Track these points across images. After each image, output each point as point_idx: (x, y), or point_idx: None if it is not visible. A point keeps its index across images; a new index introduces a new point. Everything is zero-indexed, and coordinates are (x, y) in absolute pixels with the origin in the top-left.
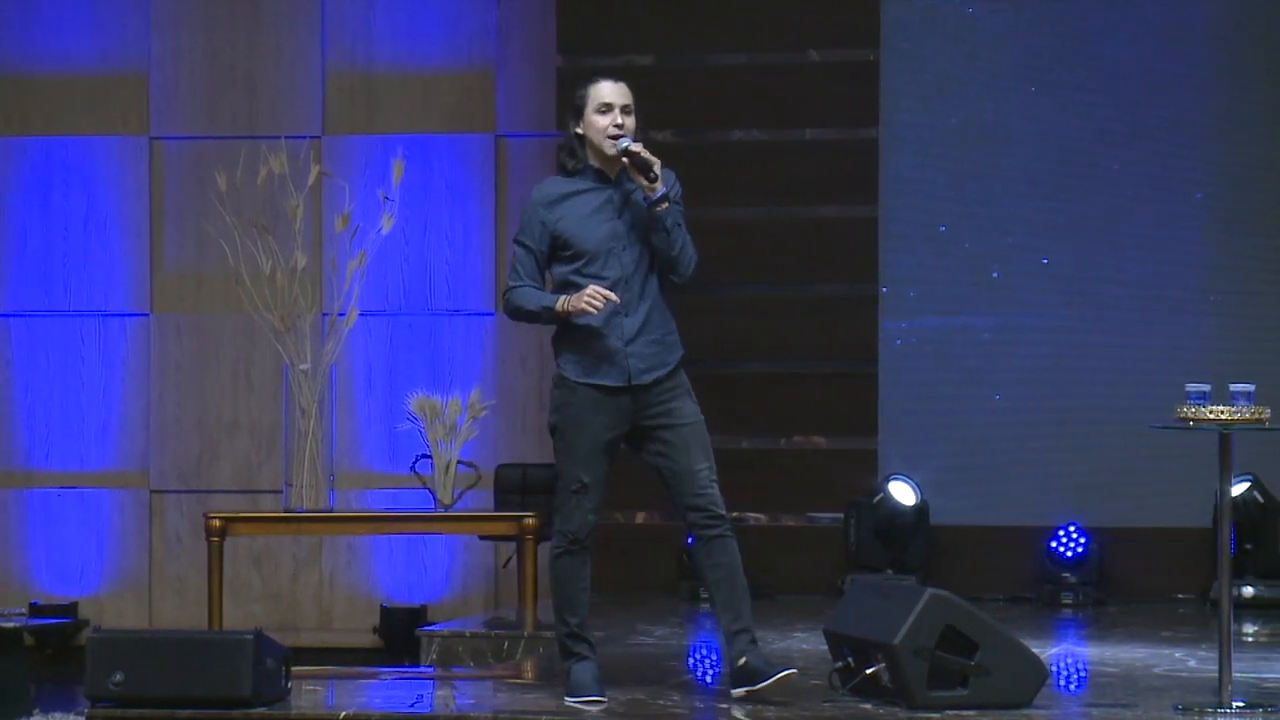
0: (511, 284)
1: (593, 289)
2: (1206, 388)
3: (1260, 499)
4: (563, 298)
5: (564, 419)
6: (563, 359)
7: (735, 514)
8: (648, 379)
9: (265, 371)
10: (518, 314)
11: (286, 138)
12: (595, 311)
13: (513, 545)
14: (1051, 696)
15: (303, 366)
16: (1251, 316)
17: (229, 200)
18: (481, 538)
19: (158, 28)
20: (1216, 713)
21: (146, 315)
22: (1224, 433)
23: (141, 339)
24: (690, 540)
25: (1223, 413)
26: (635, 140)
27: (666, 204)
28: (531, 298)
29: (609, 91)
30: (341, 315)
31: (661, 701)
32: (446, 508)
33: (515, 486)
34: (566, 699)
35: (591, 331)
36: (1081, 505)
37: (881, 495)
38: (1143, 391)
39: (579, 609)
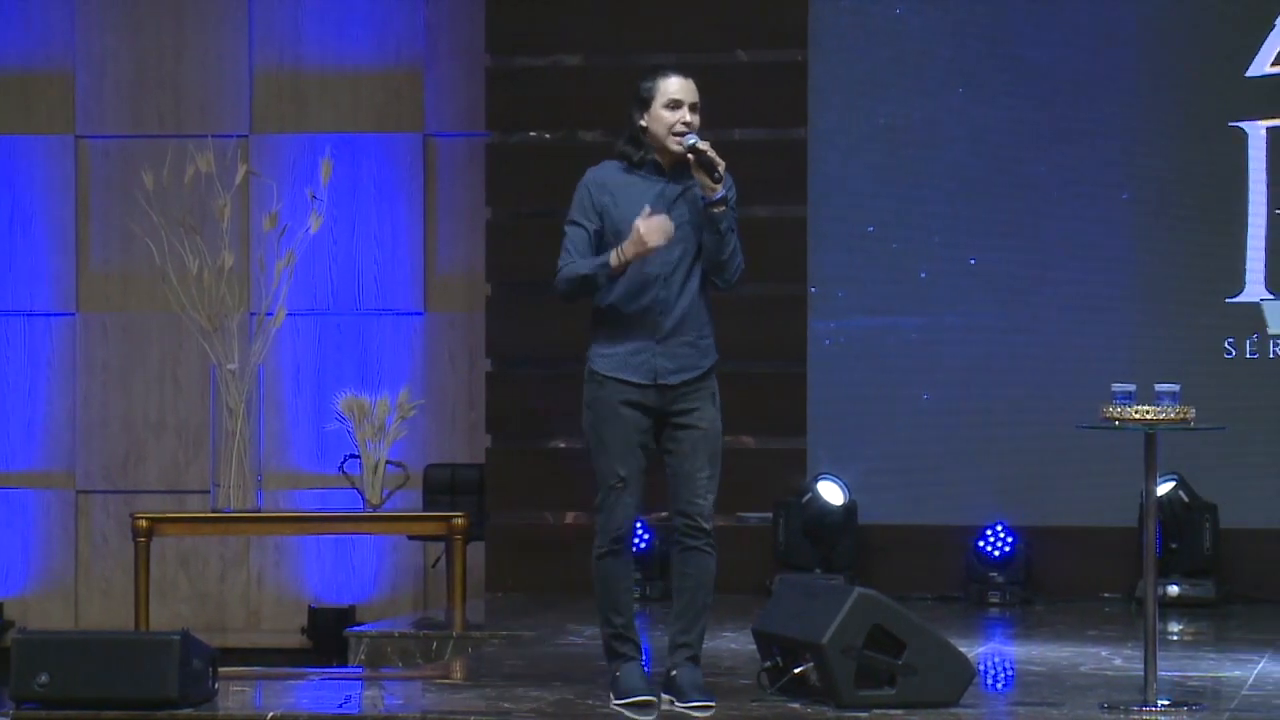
0: (561, 264)
1: (640, 223)
2: (1132, 388)
3: (1185, 498)
4: (616, 249)
5: (595, 416)
6: (593, 352)
7: (663, 513)
8: (674, 380)
9: (192, 371)
10: (571, 285)
11: (214, 137)
12: (657, 244)
13: (441, 545)
14: (979, 695)
15: (230, 366)
16: (1177, 317)
17: (156, 199)
18: (410, 538)
19: (84, 26)
20: (1141, 711)
21: (73, 315)
22: (1149, 432)
23: (67, 338)
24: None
25: (1148, 413)
26: (702, 139)
27: (724, 206)
28: (583, 264)
29: (677, 88)
30: (269, 315)
31: (590, 701)
32: (375, 508)
33: (444, 487)
34: (614, 702)
35: (626, 325)
36: (1008, 505)
37: (810, 495)
38: (1069, 391)
39: (624, 610)
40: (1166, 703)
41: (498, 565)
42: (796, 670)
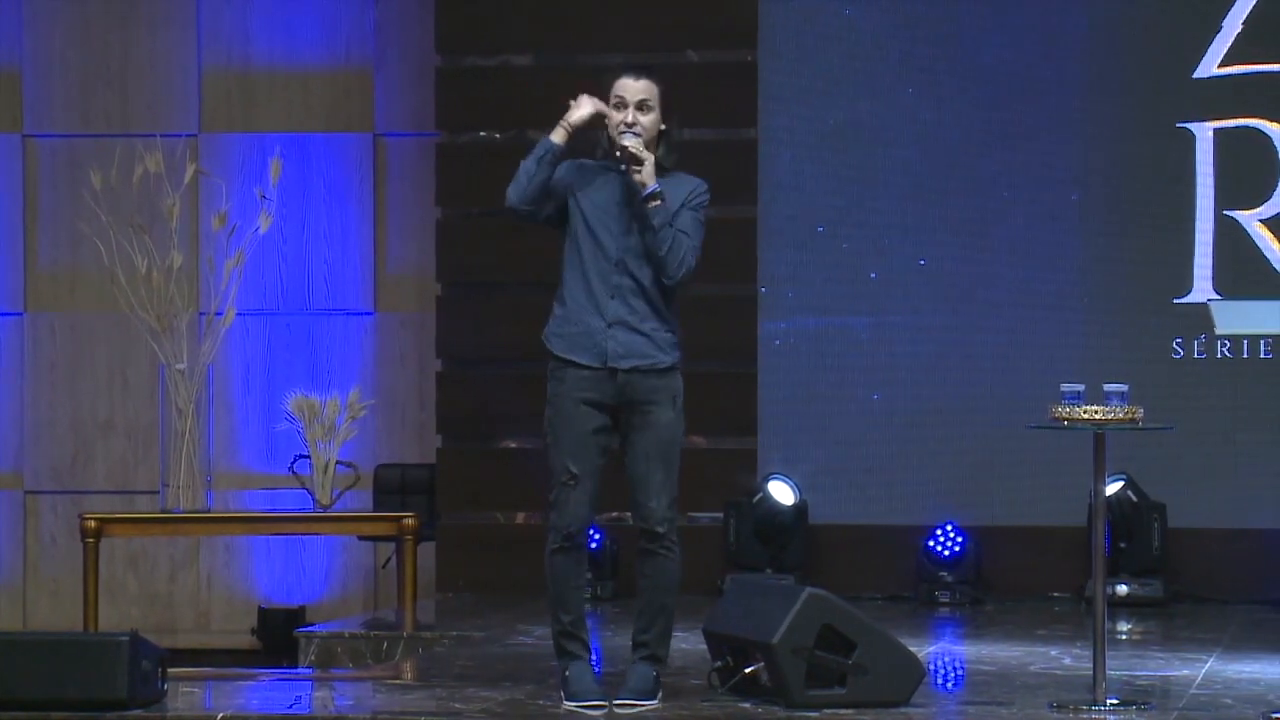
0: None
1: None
2: (1080, 387)
3: (1134, 498)
4: (562, 122)
5: (553, 411)
6: (548, 332)
7: (614, 514)
8: (624, 365)
9: (141, 371)
10: (518, 184)
11: (162, 136)
12: (588, 108)
13: (392, 545)
14: (929, 695)
15: (179, 366)
16: (1125, 317)
17: (104, 199)
18: (360, 538)
19: (30, 25)
20: (1091, 710)
21: (20, 314)
22: (1098, 432)
23: (15, 338)
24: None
25: (1096, 412)
26: (639, 136)
27: (657, 202)
28: (529, 155)
29: (623, 87)
30: (219, 315)
31: (541, 702)
32: (325, 508)
33: (394, 487)
34: (565, 703)
35: (579, 306)
36: (958, 504)
37: (761, 495)
38: (1018, 391)
39: (572, 607)
40: (1115, 702)
41: (448, 565)
42: (747, 670)
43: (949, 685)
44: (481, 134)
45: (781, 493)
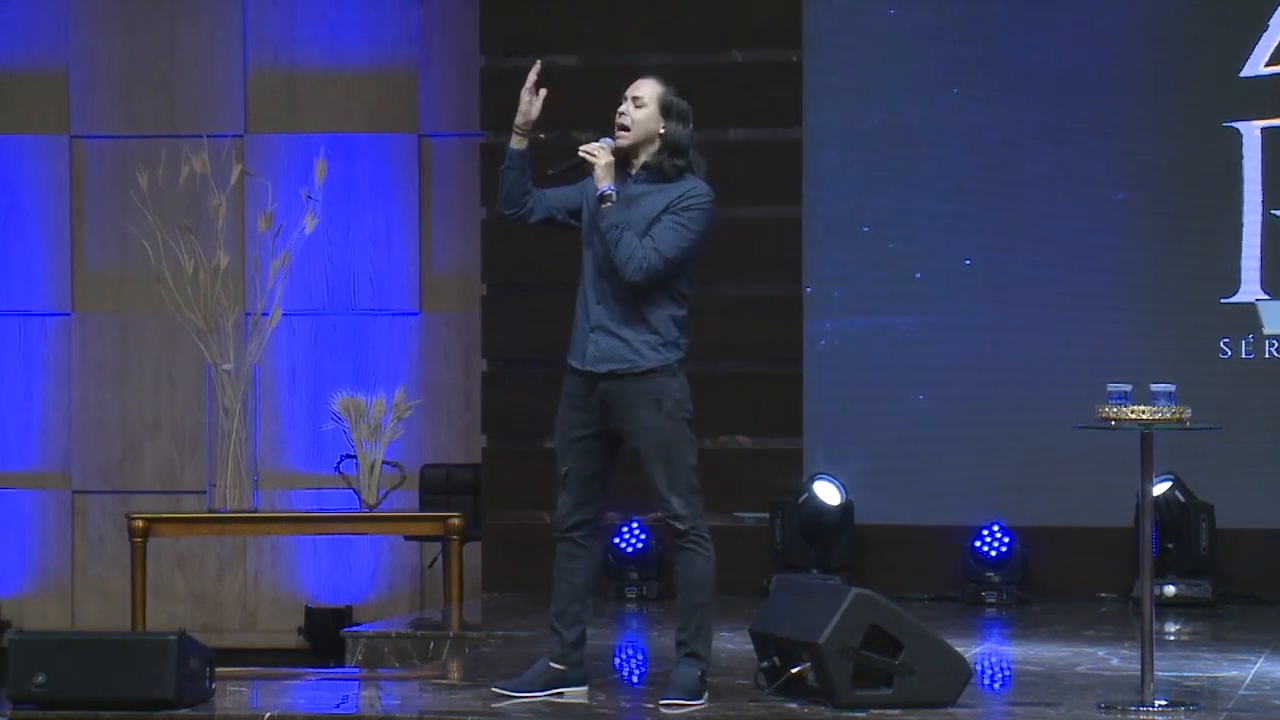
0: None
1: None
2: (1128, 388)
3: (1181, 498)
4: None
5: (559, 409)
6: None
7: (660, 514)
8: (601, 369)
9: (188, 371)
10: (499, 191)
11: (209, 136)
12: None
13: (438, 545)
14: (975, 695)
15: (226, 366)
16: (1173, 316)
17: (151, 199)
18: (407, 538)
19: (77, 26)
20: (1139, 711)
21: (68, 315)
22: (1145, 432)
23: (63, 339)
24: (614, 540)
25: (1144, 412)
26: (617, 134)
27: (607, 204)
28: None
29: (630, 85)
30: (265, 315)
31: (587, 702)
32: (371, 508)
33: (440, 486)
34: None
35: (579, 312)
36: (1005, 505)
37: (806, 495)
38: (1065, 391)
39: (557, 598)
40: (1163, 703)
41: (494, 565)
42: (794, 670)
43: (996, 686)
44: None
45: (827, 493)
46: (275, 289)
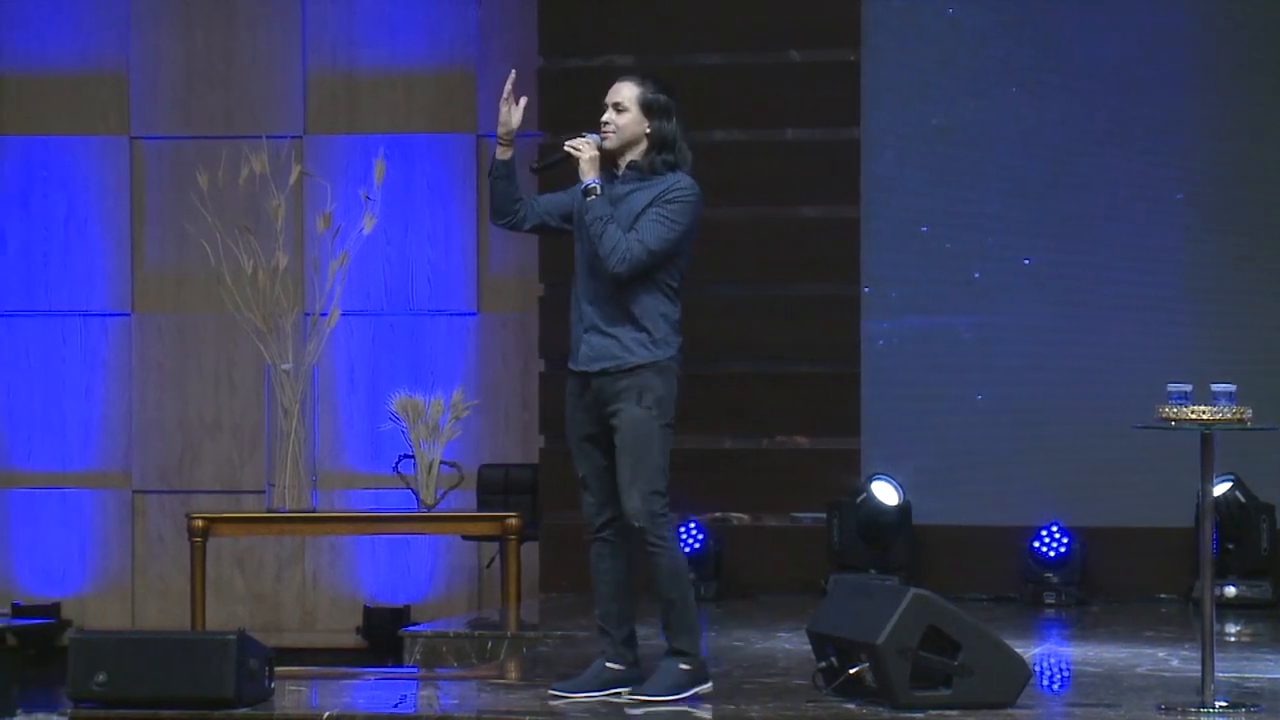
0: None
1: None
2: (1188, 388)
3: (1241, 499)
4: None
5: (565, 411)
6: None
7: (718, 514)
8: (594, 368)
9: (247, 371)
10: (490, 202)
11: (268, 137)
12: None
13: (496, 545)
14: (1035, 696)
15: (285, 366)
16: (1232, 317)
17: (210, 200)
18: (464, 538)
19: (138, 27)
20: (1199, 712)
21: (128, 315)
22: (1205, 432)
23: (123, 339)
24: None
25: (1204, 413)
26: (602, 136)
27: (590, 197)
28: None
29: (610, 91)
30: (323, 315)
31: (642, 700)
32: (429, 508)
33: (498, 487)
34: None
35: (573, 314)
36: (1064, 505)
37: (864, 495)
38: (1124, 391)
39: (598, 601)
40: (1224, 704)
41: (552, 565)
42: (852, 671)
43: (1055, 687)
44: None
45: (885, 493)
46: (334, 289)
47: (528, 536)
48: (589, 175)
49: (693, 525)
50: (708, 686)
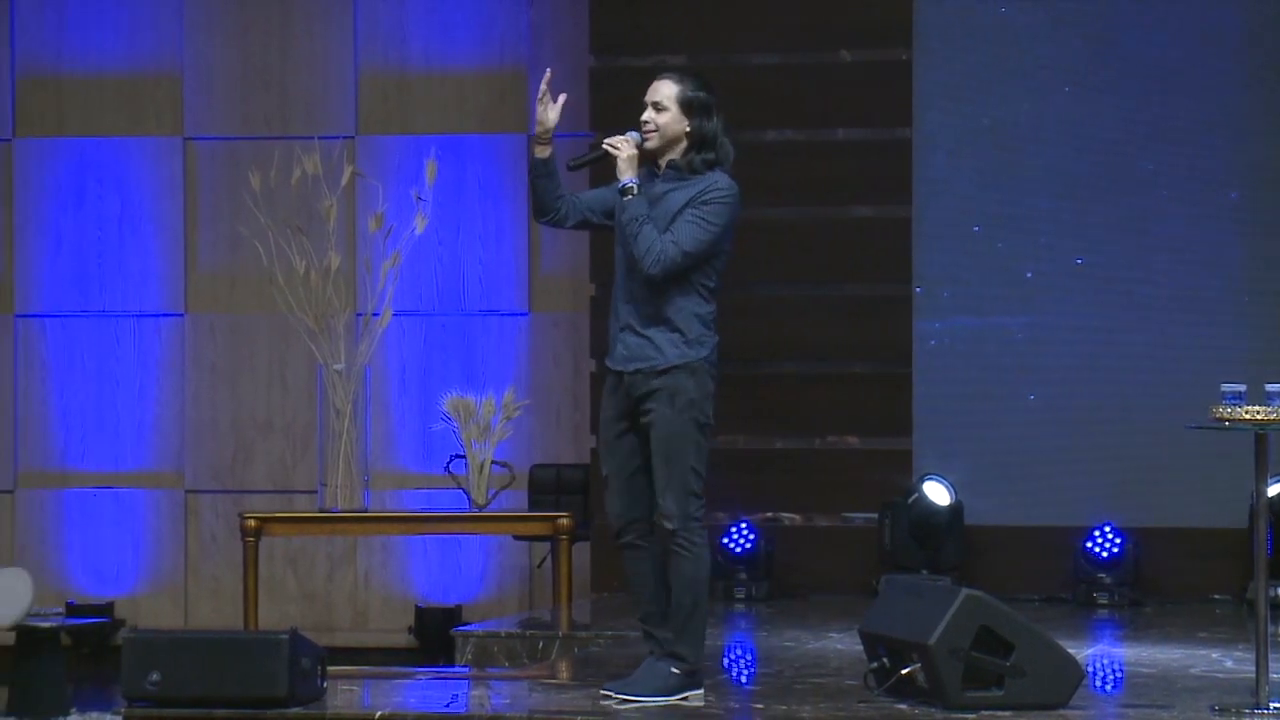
0: None
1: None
2: (1242, 388)
3: None
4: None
5: (600, 410)
6: None
7: (770, 514)
8: (628, 368)
9: (299, 372)
10: (531, 200)
11: (320, 138)
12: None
13: (547, 545)
14: (1088, 697)
15: (337, 367)
16: None
17: (263, 200)
18: (516, 538)
19: (191, 28)
20: (1253, 713)
21: (181, 315)
22: (1259, 433)
23: (176, 339)
24: (722, 540)
25: (1258, 413)
26: (644, 135)
27: (628, 196)
28: None
29: (649, 89)
30: (375, 315)
31: (697, 704)
32: (481, 508)
33: (549, 486)
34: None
35: (611, 314)
36: (1117, 505)
37: (916, 495)
38: (1178, 391)
39: (642, 603)
40: (1278, 705)
41: (603, 565)
42: (903, 671)
43: (1108, 688)
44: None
45: (937, 493)
46: (385, 290)
47: (579, 536)
48: (626, 174)
49: (744, 525)
50: (699, 693)
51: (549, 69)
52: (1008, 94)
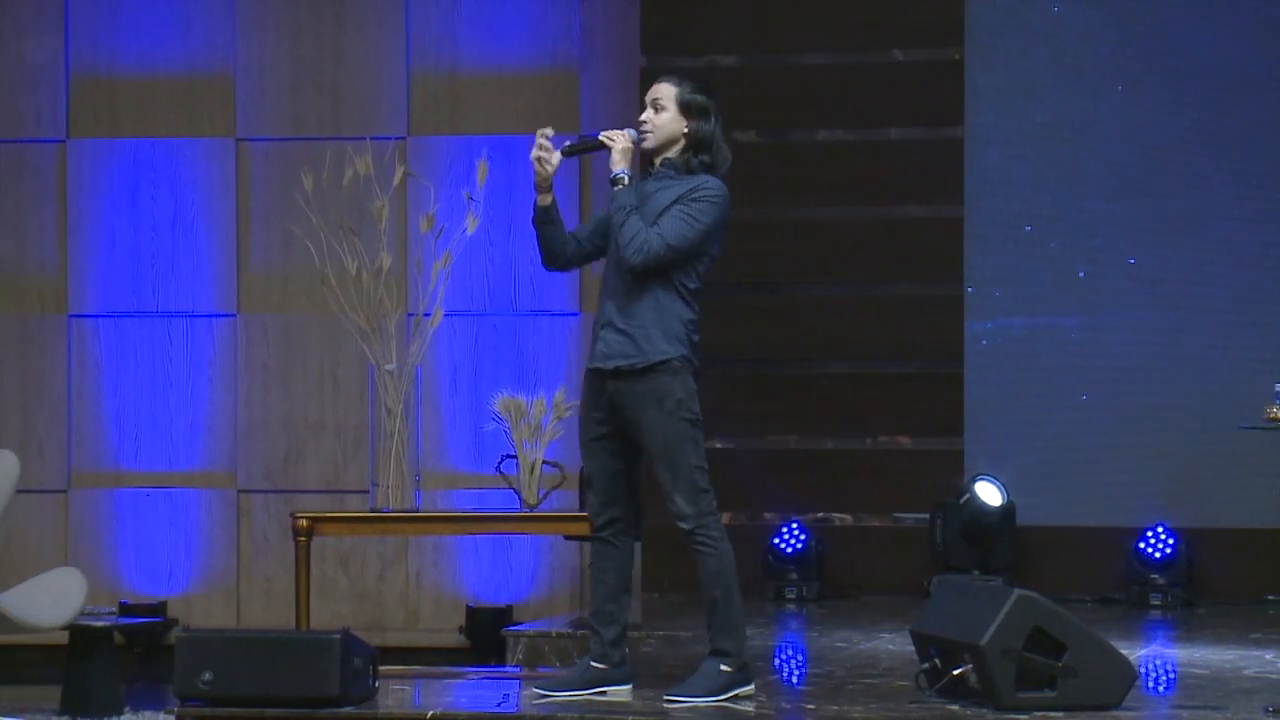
0: None
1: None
2: None
3: None
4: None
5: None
6: None
7: (821, 514)
8: (608, 365)
9: (351, 372)
10: (539, 250)
11: (372, 139)
12: (539, 158)
13: None
14: (1140, 698)
15: (388, 367)
16: None
17: (315, 201)
18: (567, 538)
19: (244, 30)
20: None
21: (234, 316)
22: None
23: (229, 339)
24: (773, 540)
25: None
26: (642, 134)
27: (619, 186)
28: None
29: (650, 89)
30: (427, 316)
31: (746, 703)
32: (531, 508)
33: None
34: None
35: (597, 314)
36: (1169, 506)
37: (967, 495)
38: (1231, 391)
39: (594, 598)
40: None
41: (654, 565)
42: (955, 672)
43: (1161, 689)
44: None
45: (988, 493)
46: (437, 290)
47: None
48: (619, 165)
49: (795, 526)
50: (749, 689)
51: (549, 126)
52: (1060, 93)
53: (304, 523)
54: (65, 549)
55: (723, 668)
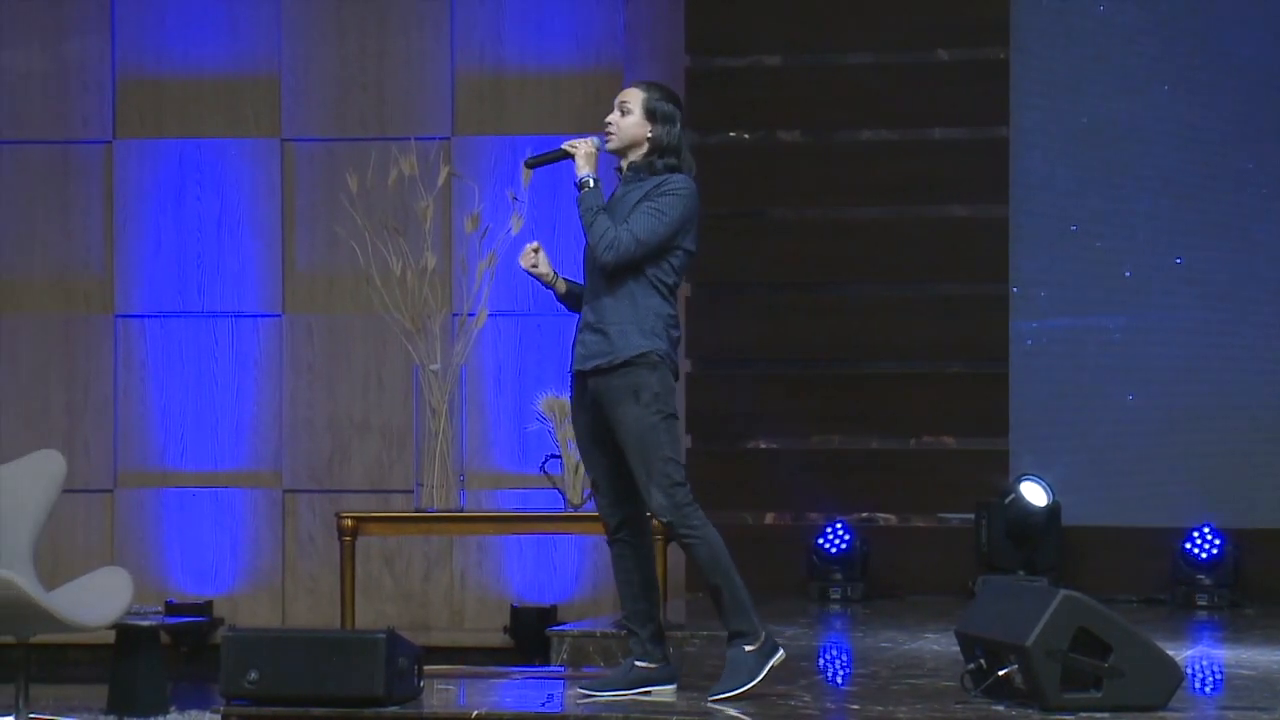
0: None
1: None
2: None
3: None
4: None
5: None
6: None
7: (865, 514)
8: (587, 366)
9: (396, 372)
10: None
11: (416, 139)
12: (528, 269)
13: None
14: (1187, 699)
15: (433, 367)
16: None
17: (360, 201)
18: None
19: (289, 30)
20: None
21: (279, 316)
22: None
23: (274, 339)
24: (818, 540)
25: None
26: (605, 135)
27: (585, 189)
28: None
29: (619, 94)
30: (471, 316)
31: (792, 703)
32: (576, 508)
33: None
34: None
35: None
36: (1216, 506)
37: (1013, 496)
38: (1278, 391)
39: (623, 601)
40: None
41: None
42: (1000, 672)
43: (1208, 690)
44: (731, 134)
45: (1034, 494)
46: (481, 290)
47: (672, 536)
48: (583, 170)
49: (839, 526)
50: (780, 656)
51: (537, 241)
52: (1106, 92)
53: (349, 522)
54: (111, 548)
55: (746, 649)
